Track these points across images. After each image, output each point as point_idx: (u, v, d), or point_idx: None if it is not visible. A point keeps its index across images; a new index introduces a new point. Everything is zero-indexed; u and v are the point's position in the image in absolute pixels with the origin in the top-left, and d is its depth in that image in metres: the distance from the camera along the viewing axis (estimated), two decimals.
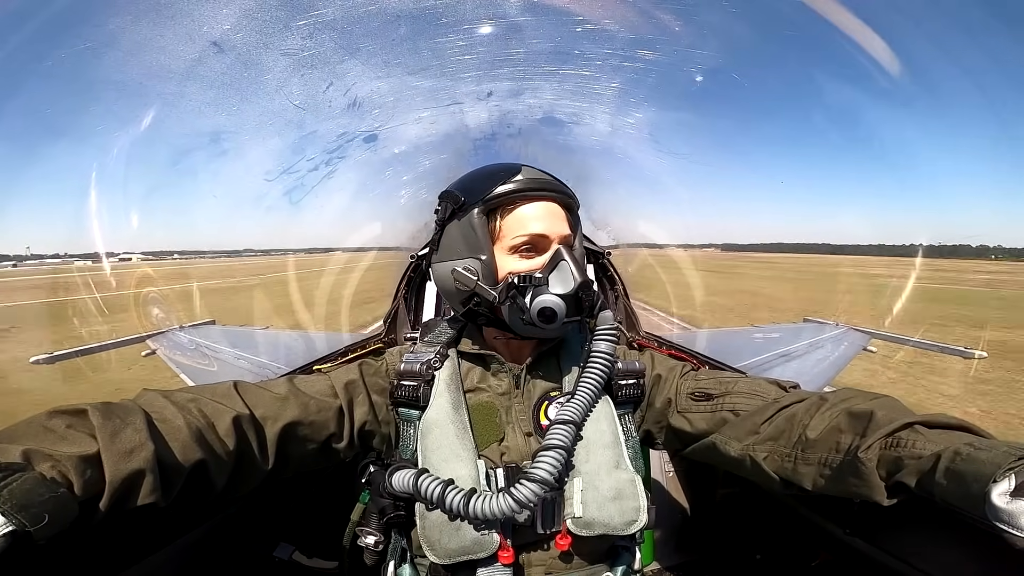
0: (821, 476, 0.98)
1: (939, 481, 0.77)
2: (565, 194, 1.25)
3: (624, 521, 1.13)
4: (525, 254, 1.21)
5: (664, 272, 5.45)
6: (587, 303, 1.18)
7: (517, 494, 1.01)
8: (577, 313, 1.18)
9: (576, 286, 1.16)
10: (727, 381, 1.27)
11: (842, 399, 1.05)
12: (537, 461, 1.05)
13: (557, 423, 1.11)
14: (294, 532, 1.93)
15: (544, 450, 1.07)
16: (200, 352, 5.06)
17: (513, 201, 1.21)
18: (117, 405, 0.92)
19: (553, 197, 1.23)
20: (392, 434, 1.31)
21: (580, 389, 1.17)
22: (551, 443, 1.07)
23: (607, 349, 1.19)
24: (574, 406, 1.14)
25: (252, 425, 1.09)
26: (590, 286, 1.19)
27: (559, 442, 1.07)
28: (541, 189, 1.22)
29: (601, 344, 1.19)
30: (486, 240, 1.20)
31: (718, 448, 1.18)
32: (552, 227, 1.21)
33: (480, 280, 1.20)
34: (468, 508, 1.03)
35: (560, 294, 1.15)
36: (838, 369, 4.75)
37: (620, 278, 2.98)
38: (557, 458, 1.05)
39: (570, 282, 1.16)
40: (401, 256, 3.06)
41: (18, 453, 0.74)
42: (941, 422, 0.89)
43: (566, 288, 1.16)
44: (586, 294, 1.17)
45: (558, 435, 1.09)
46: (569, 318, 1.16)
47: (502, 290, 1.19)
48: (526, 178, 1.22)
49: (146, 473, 0.84)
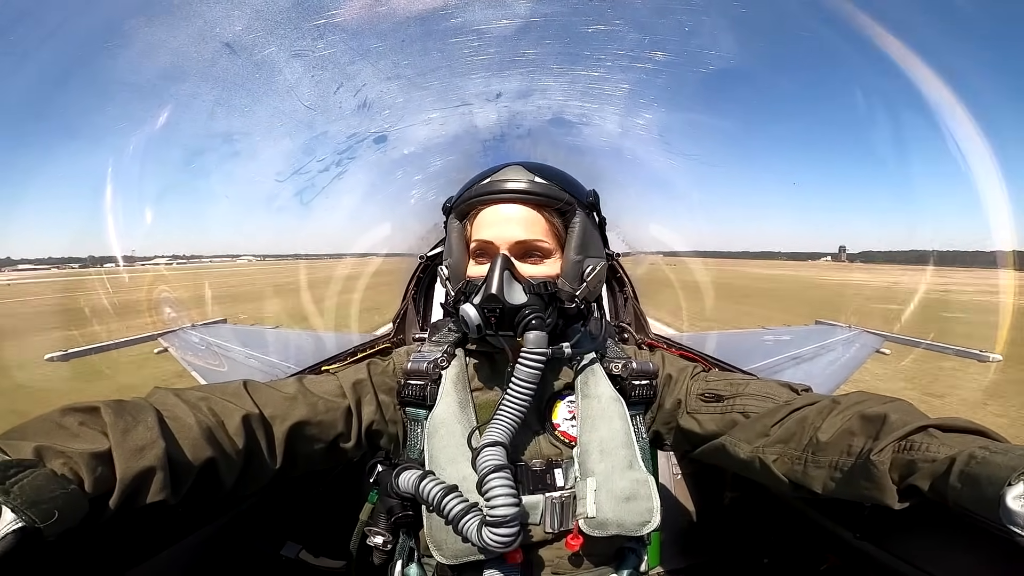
0: (832, 479, 0.97)
1: (953, 484, 0.76)
2: (539, 195, 1.20)
3: (638, 522, 1.12)
4: (479, 260, 1.24)
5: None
6: (495, 319, 1.13)
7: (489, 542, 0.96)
8: (494, 328, 1.14)
9: (482, 299, 1.13)
10: (738, 383, 1.26)
11: (855, 402, 1.04)
12: (488, 499, 0.98)
13: (481, 449, 1.04)
14: (302, 531, 1.94)
15: (482, 482, 1.00)
16: (211, 351, 5.11)
17: (476, 206, 1.23)
18: (129, 403, 0.93)
19: (516, 199, 1.20)
20: (400, 433, 1.31)
21: (497, 417, 1.10)
22: (484, 470, 1.00)
23: (524, 376, 1.09)
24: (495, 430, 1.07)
25: (261, 424, 1.09)
26: (497, 300, 1.12)
27: (490, 466, 1.00)
28: (500, 192, 1.20)
29: (519, 369, 1.10)
30: (459, 243, 1.25)
31: (727, 450, 1.17)
32: (501, 233, 1.19)
33: (449, 281, 1.26)
34: (460, 525, 0.99)
35: (475, 304, 1.14)
36: (850, 372, 4.70)
37: (629, 280, 2.97)
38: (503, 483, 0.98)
39: (482, 294, 1.14)
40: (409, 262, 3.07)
41: (30, 450, 0.75)
42: (956, 426, 0.88)
43: (479, 299, 1.15)
44: (492, 309, 1.12)
45: (489, 459, 1.02)
46: (488, 331, 1.15)
47: (457, 292, 1.24)
48: (490, 181, 1.22)
49: (156, 471, 0.85)
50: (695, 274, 5.35)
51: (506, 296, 1.13)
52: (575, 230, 1.22)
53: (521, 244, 1.19)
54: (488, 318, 1.13)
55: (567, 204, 1.22)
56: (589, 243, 1.25)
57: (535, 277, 1.20)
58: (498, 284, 1.12)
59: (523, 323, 1.12)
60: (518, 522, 0.98)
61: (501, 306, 1.12)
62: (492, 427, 1.08)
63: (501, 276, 1.13)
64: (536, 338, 1.11)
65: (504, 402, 1.11)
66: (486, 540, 0.96)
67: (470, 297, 1.18)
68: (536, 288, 1.18)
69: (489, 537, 0.96)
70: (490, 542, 0.96)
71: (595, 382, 1.27)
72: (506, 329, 1.14)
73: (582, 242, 1.23)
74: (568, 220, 1.23)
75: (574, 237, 1.22)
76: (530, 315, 1.12)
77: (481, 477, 1.00)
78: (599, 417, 1.22)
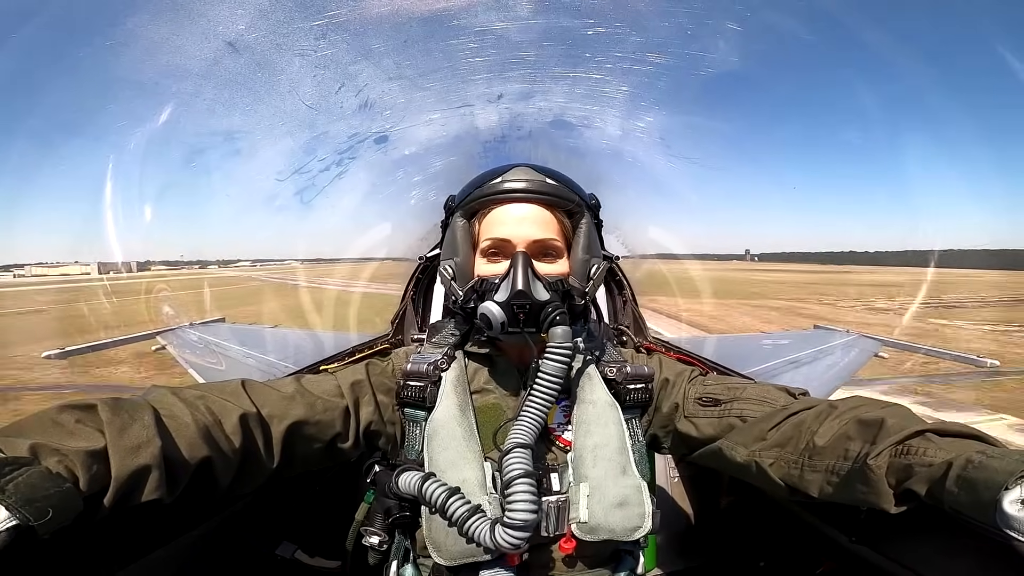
0: (828, 483, 0.97)
1: (950, 489, 0.76)
2: (552, 196, 1.23)
3: (628, 527, 1.13)
4: (492, 258, 1.24)
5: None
6: (524, 315, 1.14)
7: (503, 543, 0.98)
8: (520, 324, 1.15)
9: (509, 295, 1.14)
10: (735, 387, 1.26)
11: (852, 407, 1.05)
12: (510, 502, 1.00)
13: (510, 451, 1.05)
14: (297, 531, 1.93)
15: (507, 486, 1.02)
16: (209, 349, 5.10)
17: (488, 205, 1.24)
18: (126, 401, 0.93)
19: (531, 199, 1.23)
20: (397, 434, 1.31)
21: (523, 414, 1.10)
22: (511, 475, 1.02)
23: (552, 371, 1.10)
24: (522, 430, 1.08)
25: (259, 423, 1.09)
26: (527, 296, 1.13)
27: (518, 471, 1.02)
28: (515, 191, 1.23)
29: (546, 364, 1.11)
30: (465, 242, 1.25)
31: (724, 454, 1.17)
32: (518, 231, 1.21)
33: (454, 280, 1.26)
34: (465, 527, 1.00)
35: (499, 302, 1.15)
36: (848, 375, 4.71)
37: (628, 283, 2.97)
38: (527, 490, 1.00)
39: (507, 291, 1.15)
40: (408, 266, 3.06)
41: (26, 447, 0.75)
42: (953, 430, 0.88)
43: (504, 296, 1.15)
44: (521, 305, 1.14)
45: (516, 463, 1.03)
46: (513, 327, 1.15)
47: (467, 291, 1.23)
48: (504, 180, 1.24)
49: (152, 469, 0.85)
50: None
51: (533, 292, 1.15)
52: (583, 230, 1.27)
53: (538, 243, 1.22)
54: (516, 315, 1.14)
55: (577, 206, 1.26)
56: (593, 244, 1.30)
57: (550, 275, 1.22)
58: (523, 280, 1.14)
59: (548, 319, 1.13)
60: (533, 526, 1.00)
61: (529, 302, 1.14)
62: (519, 426, 1.09)
63: (526, 273, 1.15)
64: (563, 333, 1.12)
65: (531, 397, 1.11)
66: (500, 541, 0.97)
67: (489, 295, 1.19)
68: (555, 285, 1.21)
69: (504, 538, 0.97)
70: (504, 543, 0.97)
71: (591, 387, 1.27)
72: (531, 325, 1.16)
73: (589, 242, 1.27)
74: (576, 221, 1.28)
75: (582, 237, 1.27)
76: (554, 311, 1.13)
77: (507, 482, 1.02)
78: (594, 422, 1.22)
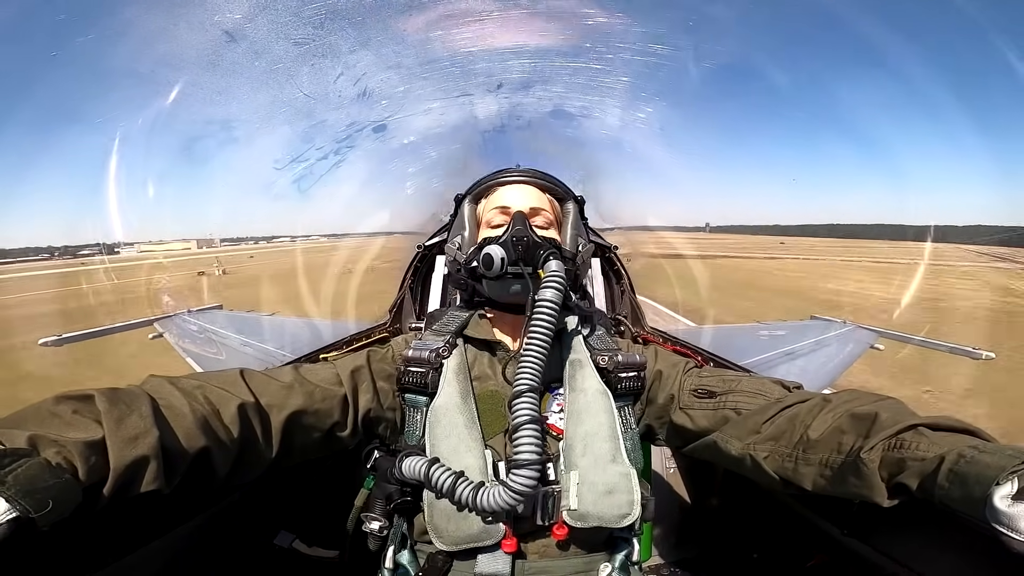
0: (822, 476, 0.98)
1: (941, 483, 0.77)
2: (546, 181, 1.45)
3: (617, 515, 1.16)
4: (495, 225, 1.38)
5: None
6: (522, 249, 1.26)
7: (514, 485, 1.03)
8: (518, 261, 1.25)
9: (508, 234, 1.29)
10: (730, 379, 1.27)
11: (845, 400, 1.05)
12: (516, 445, 1.06)
13: (515, 398, 1.10)
14: (295, 520, 1.94)
15: (515, 431, 1.08)
16: (206, 337, 5.09)
17: (492, 187, 1.45)
18: (124, 391, 0.93)
19: (528, 182, 1.44)
20: (397, 420, 1.33)
21: (526, 350, 1.14)
22: (518, 421, 1.08)
23: (550, 296, 1.16)
24: (525, 373, 1.12)
25: (257, 413, 1.10)
26: (524, 232, 1.28)
27: (525, 417, 1.08)
28: (516, 174, 1.44)
29: (545, 292, 1.17)
30: (471, 220, 1.45)
31: (719, 446, 1.18)
32: (517, 200, 1.39)
33: (460, 249, 1.43)
34: (476, 501, 1.06)
35: (500, 241, 1.28)
36: (844, 367, 4.71)
37: (627, 273, 2.97)
38: (533, 435, 1.07)
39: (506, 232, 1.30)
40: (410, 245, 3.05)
41: (24, 439, 0.75)
42: (946, 425, 0.89)
43: (504, 236, 1.30)
44: (519, 238, 1.26)
45: (523, 410, 1.08)
46: (512, 266, 1.25)
47: (472, 251, 1.36)
48: (504, 170, 1.46)
49: (150, 460, 0.85)
50: None
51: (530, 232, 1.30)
52: (571, 213, 1.48)
53: (534, 210, 1.39)
54: (516, 246, 1.26)
55: (565, 193, 1.49)
56: (580, 227, 1.49)
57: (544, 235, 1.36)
58: (522, 224, 1.30)
59: (543, 256, 1.25)
60: (538, 468, 1.06)
61: (526, 236, 1.27)
62: (523, 368, 1.13)
63: (524, 221, 1.31)
64: (558, 265, 1.22)
65: (530, 331, 1.16)
66: (511, 483, 1.04)
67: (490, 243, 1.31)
68: (549, 239, 1.35)
69: (514, 480, 1.04)
70: (516, 484, 1.04)
71: (583, 376, 1.30)
72: (528, 263, 1.26)
73: (575, 222, 1.47)
74: (564, 206, 1.49)
75: (570, 216, 1.47)
76: (547, 251, 1.26)
77: (514, 427, 1.09)
78: (585, 411, 1.25)
